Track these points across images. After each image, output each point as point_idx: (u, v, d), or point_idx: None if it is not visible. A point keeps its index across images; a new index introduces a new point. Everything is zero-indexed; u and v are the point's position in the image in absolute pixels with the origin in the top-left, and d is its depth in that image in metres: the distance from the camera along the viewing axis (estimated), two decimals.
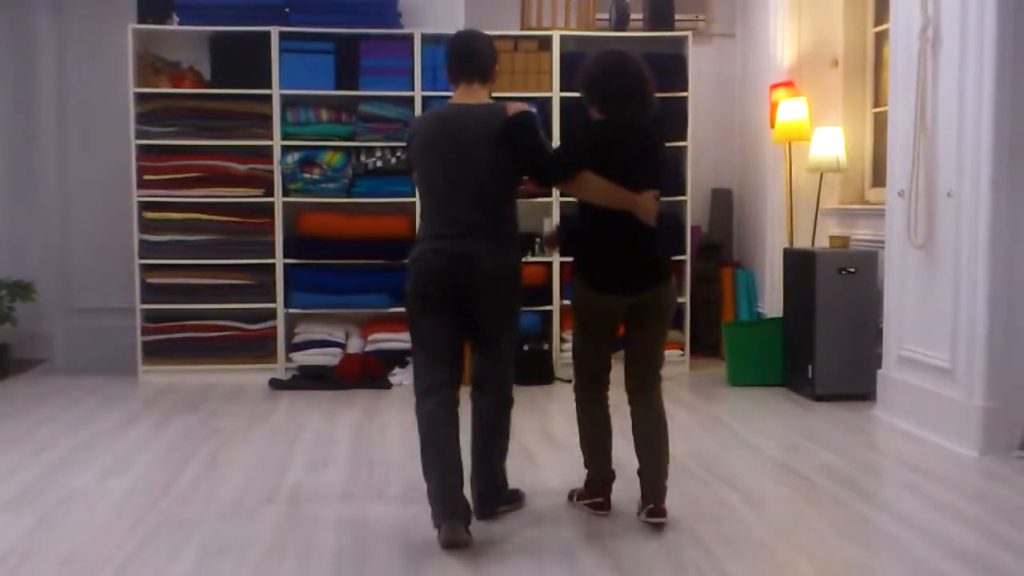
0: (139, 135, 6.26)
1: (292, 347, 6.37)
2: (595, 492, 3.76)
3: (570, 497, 3.85)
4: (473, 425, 3.66)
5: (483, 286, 3.51)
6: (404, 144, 3.95)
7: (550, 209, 6.34)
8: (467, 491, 3.52)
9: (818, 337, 5.60)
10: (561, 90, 6.35)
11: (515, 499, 3.79)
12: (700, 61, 6.86)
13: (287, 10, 6.34)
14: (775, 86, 6.51)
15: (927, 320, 4.85)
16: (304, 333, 6.40)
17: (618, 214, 3.55)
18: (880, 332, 5.35)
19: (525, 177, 3.66)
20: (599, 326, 3.66)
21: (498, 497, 3.71)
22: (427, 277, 3.52)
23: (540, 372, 6.20)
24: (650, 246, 3.62)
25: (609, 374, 3.75)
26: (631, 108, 3.64)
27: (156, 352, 6.35)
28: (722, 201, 7.30)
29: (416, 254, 3.57)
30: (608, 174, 3.53)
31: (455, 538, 3.31)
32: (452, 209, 3.55)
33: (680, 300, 6.56)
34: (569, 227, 4.04)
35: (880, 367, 5.29)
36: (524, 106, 3.64)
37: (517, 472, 4.19)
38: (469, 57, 3.66)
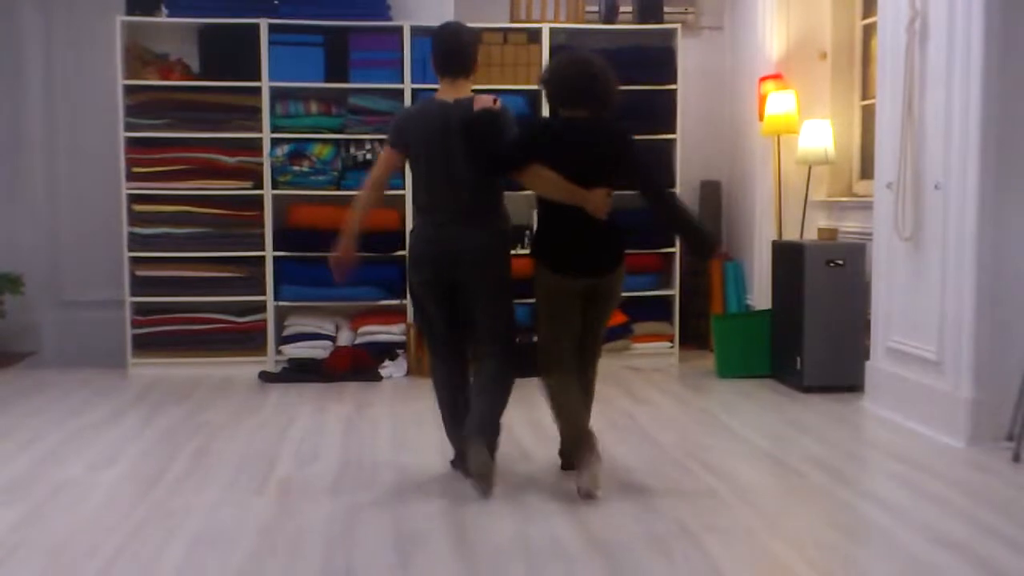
0: (128, 127, 6.23)
1: (282, 340, 6.37)
2: (566, 455, 4.04)
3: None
4: (476, 386, 4.05)
5: (469, 270, 3.87)
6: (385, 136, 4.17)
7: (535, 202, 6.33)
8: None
9: (806, 329, 5.62)
10: None
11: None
12: (689, 54, 6.86)
13: (276, 2, 6.33)
14: (764, 79, 6.53)
15: (914, 312, 4.88)
16: (294, 326, 6.39)
17: (571, 207, 3.76)
18: (868, 324, 5.37)
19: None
20: (559, 302, 3.90)
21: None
22: (420, 262, 3.94)
23: (526, 365, 6.17)
24: (601, 238, 3.84)
25: (571, 353, 3.94)
26: (589, 106, 3.78)
27: (145, 345, 6.33)
28: (711, 193, 7.31)
29: (412, 242, 4.03)
30: (561, 169, 3.71)
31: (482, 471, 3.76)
32: (438, 199, 3.90)
33: (669, 292, 6.61)
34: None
35: (868, 359, 5.32)
36: (490, 100, 3.84)
37: (507, 464, 4.20)
38: (453, 55, 3.92)
